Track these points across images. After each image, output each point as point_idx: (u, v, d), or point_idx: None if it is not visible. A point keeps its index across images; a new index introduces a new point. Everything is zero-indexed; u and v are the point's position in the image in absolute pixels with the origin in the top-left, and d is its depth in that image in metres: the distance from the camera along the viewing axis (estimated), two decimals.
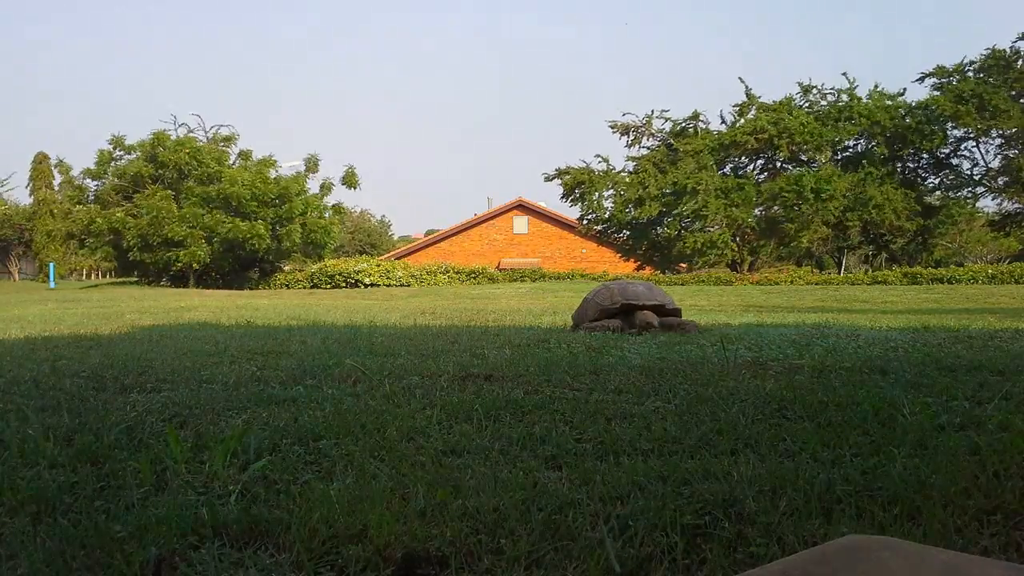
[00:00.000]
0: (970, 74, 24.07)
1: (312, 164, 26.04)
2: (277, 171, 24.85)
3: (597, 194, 26.86)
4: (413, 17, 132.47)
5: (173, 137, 24.59)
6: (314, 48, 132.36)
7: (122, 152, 24.89)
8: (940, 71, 24.57)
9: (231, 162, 25.64)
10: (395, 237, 64.14)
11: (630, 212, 26.00)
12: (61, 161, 26.14)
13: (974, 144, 25.40)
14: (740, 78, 30.81)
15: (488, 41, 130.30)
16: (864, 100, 25.30)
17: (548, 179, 27.36)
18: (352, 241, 53.90)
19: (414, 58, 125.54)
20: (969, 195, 26.36)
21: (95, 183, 25.23)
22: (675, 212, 25.28)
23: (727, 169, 26.89)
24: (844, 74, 29.55)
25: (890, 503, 1.68)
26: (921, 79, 25.16)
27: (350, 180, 26.22)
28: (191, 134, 25.16)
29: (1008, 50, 23.37)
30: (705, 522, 1.58)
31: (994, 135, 24.37)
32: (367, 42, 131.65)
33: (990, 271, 20.18)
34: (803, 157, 25.55)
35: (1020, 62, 23.25)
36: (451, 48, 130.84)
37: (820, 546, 0.90)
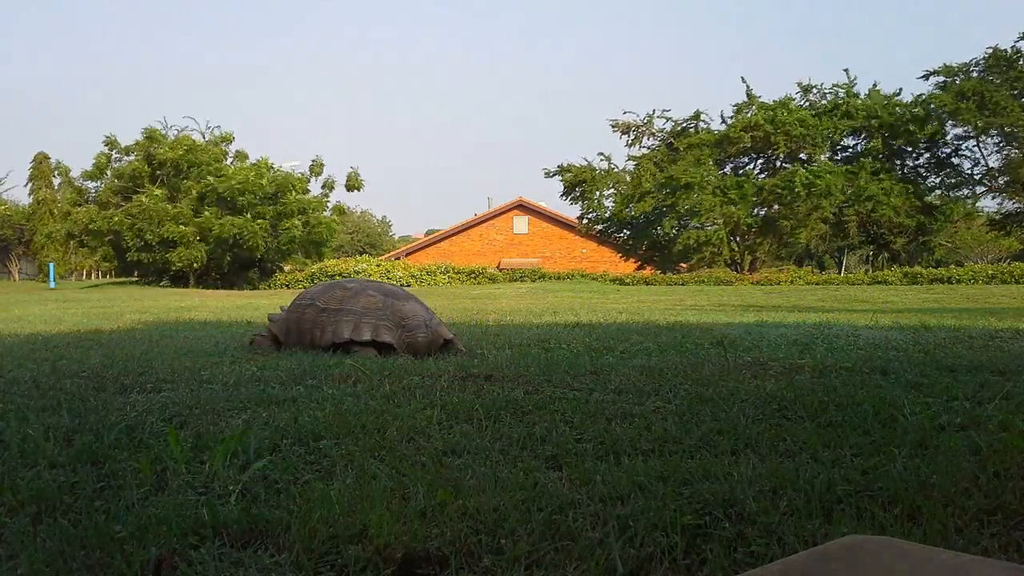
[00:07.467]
0: (974, 73, 24.05)
1: (317, 167, 26.01)
2: (274, 171, 24.79)
3: (598, 192, 26.85)
4: (413, 17, 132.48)
5: (170, 137, 24.54)
6: (314, 50, 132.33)
7: (120, 154, 24.87)
8: (946, 70, 24.54)
9: (228, 162, 25.61)
10: (395, 237, 64.18)
11: (630, 209, 26.01)
12: (60, 163, 26.13)
13: (974, 143, 25.41)
14: (742, 78, 30.76)
15: (489, 42, 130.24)
16: (862, 98, 25.34)
17: (549, 175, 27.35)
18: (352, 241, 53.90)
19: (414, 59, 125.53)
20: (969, 195, 26.37)
21: (94, 184, 25.22)
22: (671, 206, 25.27)
23: (728, 169, 26.91)
24: (846, 70, 29.51)
25: (890, 503, 1.68)
26: (926, 76, 25.15)
27: (353, 183, 26.18)
28: (185, 132, 25.11)
29: (1009, 50, 23.38)
30: (705, 522, 1.58)
31: (994, 134, 24.36)
32: (368, 43, 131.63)
33: (990, 271, 20.17)
34: (803, 156, 25.56)
35: (1022, 61, 23.24)
36: (452, 49, 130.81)
37: (820, 546, 0.90)
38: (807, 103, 26.14)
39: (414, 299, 4.72)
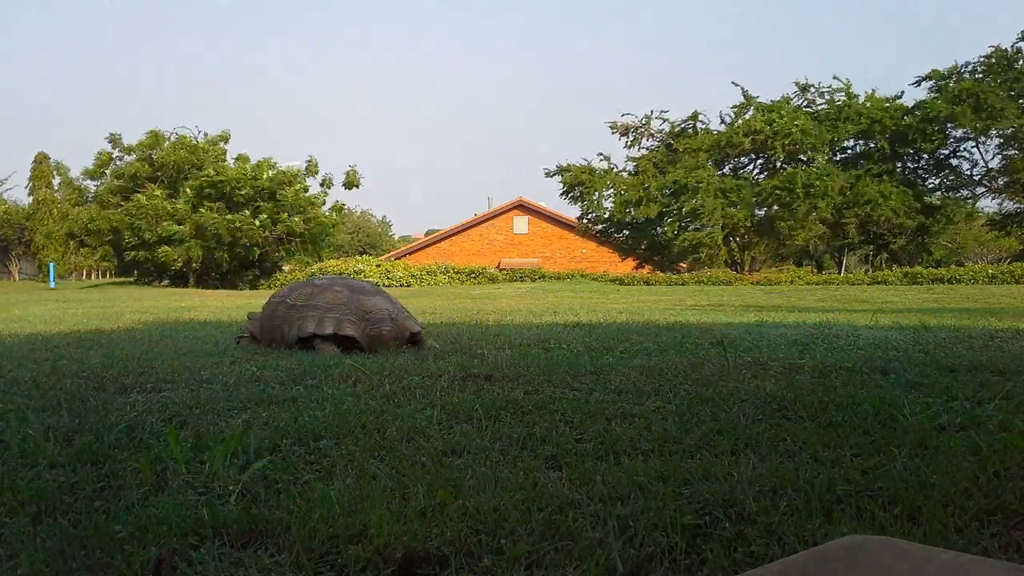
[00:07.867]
0: (967, 76, 24.08)
1: (312, 167, 26.02)
2: (274, 169, 24.80)
3: (597, 193, 26.89)
4: (413, 17, 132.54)
5: (172, 138, 24.56)
6: (314, 50, 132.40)
7: (121, 152, 24.89)
8: (936, 74, 24.63)
9: (229, 161, 25.62)
10: (395, 237, 64.17)
11: (630, 212, 26.03)
12: (59, 163, 26.15)
13: (974, 145, 25.42)
14: (734, 82, 30.80)
15: (489, 42, 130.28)
16: (862, 100, 25.39)
17: (549, 175, 27.44)
18: (352, 241, 53.90)
19: (414, 59, 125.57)
20: (969, 195, 26.38)
21: (94, 183, 25.23)
22: (673, 210, 25.32)
23: (727, 169, 26.93)
24: (836, 77, 29.61)
25: (890, 503, 1.68)
26: (917, 83, 25.24)
27: (351, 181, 26.16)
28: (184, 130, 25.13)
29: (1010, 49, 23.38)
30: (705, 522, 1.58)
31: (993, 135, 24.37)
32: (368, 43, 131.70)
33: (990, 271, 20.17)
34: (802, 158, 25.58)
35: (1021, 62, 23.24)
36: (452, 49, 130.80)
37: (820, 546, 0.90)
38: (804, 102, 26.16)
39: (381, 295, 4.76)
